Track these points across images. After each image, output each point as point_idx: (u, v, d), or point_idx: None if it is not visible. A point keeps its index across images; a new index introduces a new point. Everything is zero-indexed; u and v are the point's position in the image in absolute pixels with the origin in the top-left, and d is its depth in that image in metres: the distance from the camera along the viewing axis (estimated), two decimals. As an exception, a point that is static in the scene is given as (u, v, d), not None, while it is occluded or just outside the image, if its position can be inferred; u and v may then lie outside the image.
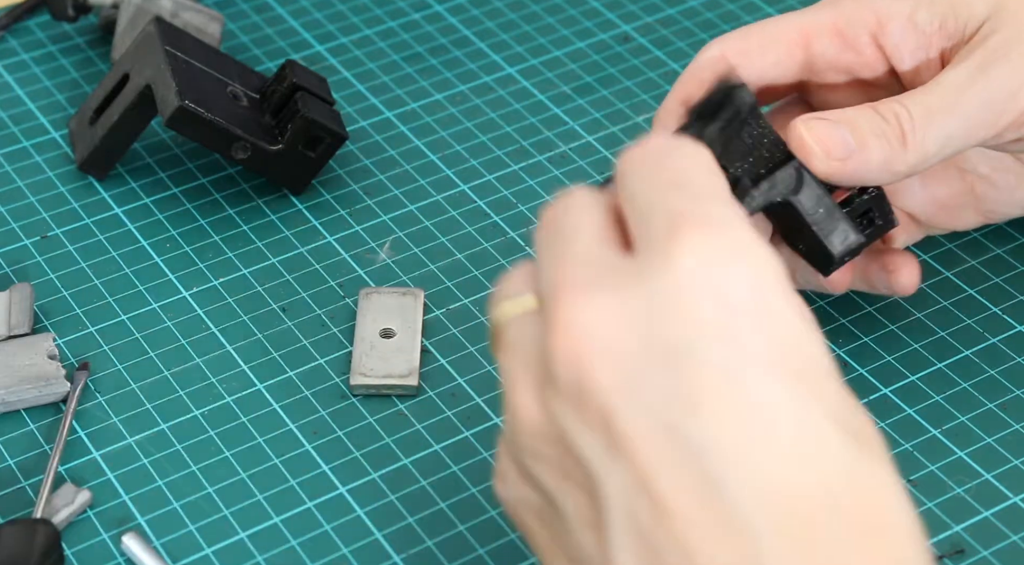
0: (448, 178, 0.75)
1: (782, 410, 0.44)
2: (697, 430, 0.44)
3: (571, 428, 0.46)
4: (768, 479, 0.44)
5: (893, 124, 0.58)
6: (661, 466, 0.44)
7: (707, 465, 0.44)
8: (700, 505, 0.44)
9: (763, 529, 0.43)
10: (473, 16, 0.85)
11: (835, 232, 0.58)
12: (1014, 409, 0.63)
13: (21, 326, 0.66)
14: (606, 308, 0.46)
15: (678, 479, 0.44)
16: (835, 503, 0.44)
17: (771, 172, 0.57)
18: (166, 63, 0.71)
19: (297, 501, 0.61)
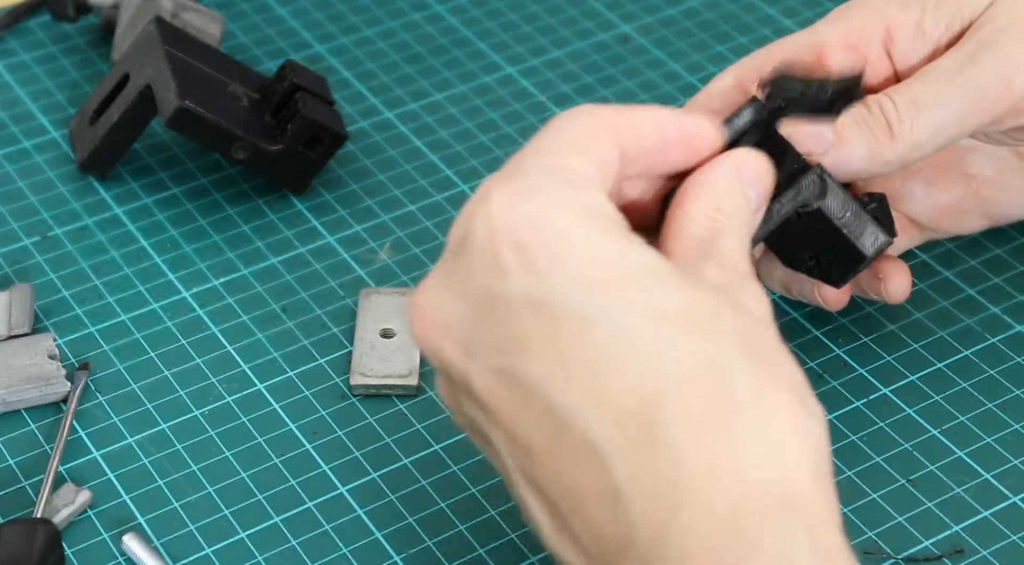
0: (448, 178, 0.75)
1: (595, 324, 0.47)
2: (524, 368, 0.47)
3: (457, 402, 0.51)
4: (592, 389, 0.46)
5: (877, 115, 0.58)
6: (514, 412, 0.48)
7: (542, 398, 0.47)
8: (551, 437, 0.47)
9: (603, 438, 0.46)
10: (473, 16, 0.85)
11: (865, 233, 0.59)
12: (1014, 409, 0.63)
13: (21, 326, 0.66)
14: (434, 286, 0.50)
15: (527, 420, 0.47)
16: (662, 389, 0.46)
17: (794, 180, 0.57)
18: (166, 63, 0.71)
19: (297, 501, 0.61)
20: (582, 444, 0.46)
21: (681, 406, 0.46)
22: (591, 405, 0.46)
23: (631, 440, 0.46)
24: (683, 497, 0.45)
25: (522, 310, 0.48)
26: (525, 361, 0.47)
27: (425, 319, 0.50)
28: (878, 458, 0.62)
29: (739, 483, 0.45)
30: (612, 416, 0.46)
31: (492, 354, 0.48)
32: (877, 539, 0.59)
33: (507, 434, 0.48)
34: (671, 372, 0.46)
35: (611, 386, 0.46)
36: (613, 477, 0.46)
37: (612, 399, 0.46)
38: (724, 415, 0.46)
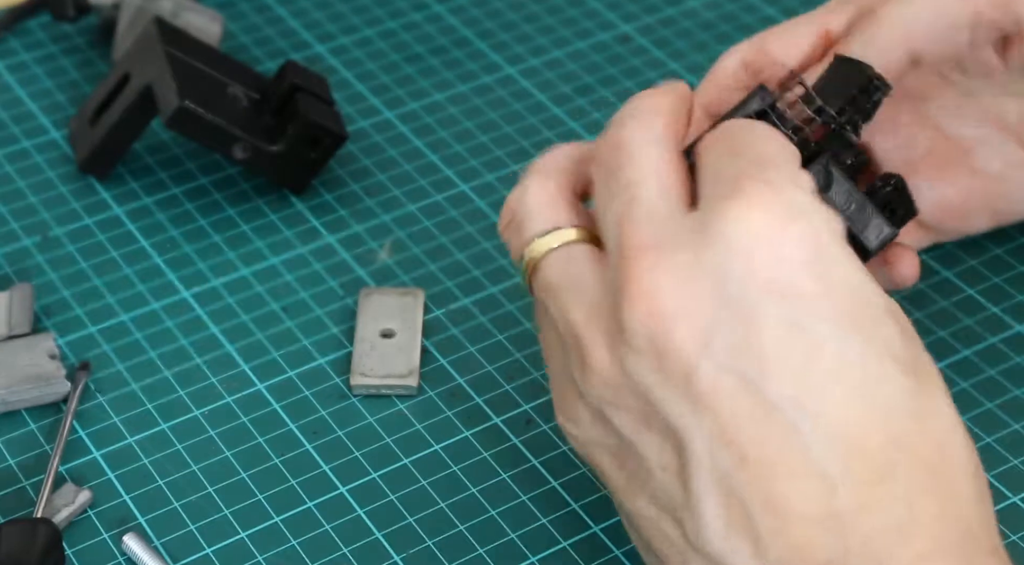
0: (448, 178, 0.75)
1: (845, 357, 0.47)
2: (769, 383, 0.47)
3: (652, 384, 0.48)
4: (837, 422, 0.47)
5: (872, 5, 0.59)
6: (740, 419, 0.47)
7: (780, 415, 0.47)
8: (777, 452, 0.47)
9: (834, 470, 0.46)
10: (473, 16, 0.85)
11: (869, 226, 0.59)
12: (1014, 409, 0.63)
13: (22, 326, 0.66)
14: (678, 269, 0.48)
15: (756, 430, 0.47)
16: (901, 441, 0.47)
17: None
18: (166, 63, 0.71)
19: (297, 501, 0.61)
20: (812, 468, 0.47)
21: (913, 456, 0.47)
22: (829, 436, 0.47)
23: (864, 476, 0.47)
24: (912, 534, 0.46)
25: (777, 330, 0.47)
26: (768, 372, 0.47)
27: (657, 299, 0.48)
28: (878, 458, 0.62)
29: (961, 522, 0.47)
30: (850, 449, 0.47)
31: (733, 356, 0.47)
32: (877, 539, 0.59)
33: (720, 434, 0.47)
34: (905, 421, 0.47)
35: (853, 424, 0.47)
36: (836, 505, 0.47)
37: (857, 435, 0.47)
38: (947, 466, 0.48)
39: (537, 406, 0.64)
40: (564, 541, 0.59)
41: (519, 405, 0.64)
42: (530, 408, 0.64)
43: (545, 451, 0.62)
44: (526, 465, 0.62)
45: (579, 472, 0.62)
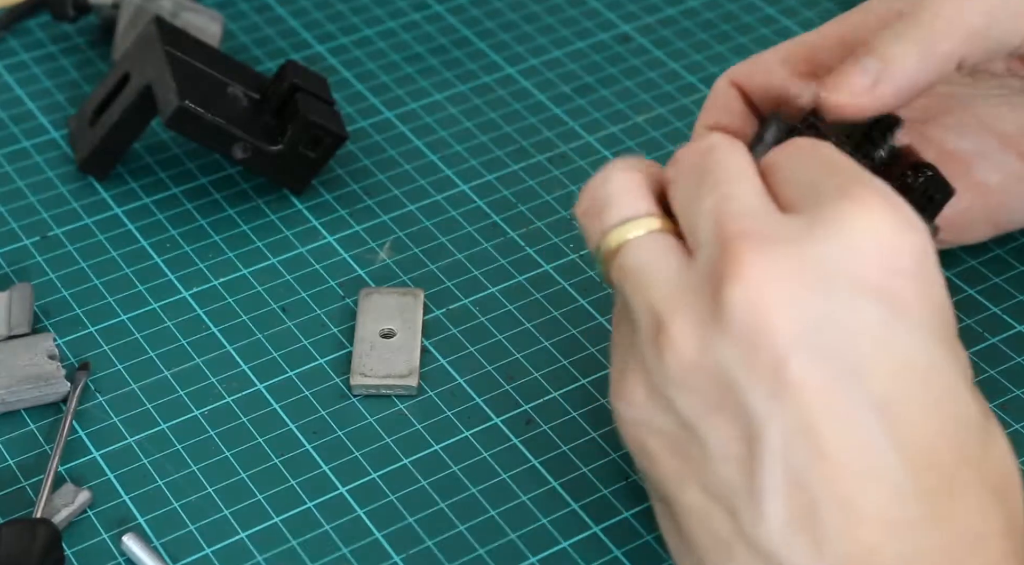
0: (448, 178, 0.75)
1: (933, 370, 0.48)
2: (862, 384, 0.47)
3: (736, 369, 0.47)
4: (916, 431, 0.47)
5: (915, 10, 0.57)
6: (826, 414, 0.47)
7: (867, 416, 0.47)
8: (857, 452, 0.46)
9: (904, 478, 0.47)
10: (473, 16, 0.85)
11: None
12: (1014, 409, 0.63)
13: (21, 326, 0.66)
14: (785, 261, 0.47)
15: (840, 428, 0.46)
16: (969, 459, 0.47)
17: None
18: (166, 63, 0.71)
19: (297, 501, 0.61)
20: (888, 473, 0.47)
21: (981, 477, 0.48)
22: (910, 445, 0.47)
23: (935, 487, 0.47)
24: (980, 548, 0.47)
25: (878, 330, 0.47)
26: (865, 378, 0.47)
27: (763, 287, 0.47)
28: (878, 458, 0.62)
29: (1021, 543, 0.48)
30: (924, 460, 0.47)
31: (829, 352, 0.47)
32: (877, 539, 0.59)
33: (802, 427, 0.47)
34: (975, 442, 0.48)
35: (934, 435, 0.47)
36: (907, 513, 0.47)
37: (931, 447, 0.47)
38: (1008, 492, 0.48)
39: (537, 406, 0.64)
40: (564, 541, 0.59)
41: (519, 405, 0.64)
42: (530, 408, 0.64)
43: (545, 451, 0.62)
44: (526, 465, 0.62)
45: (579, 472, 0.62)
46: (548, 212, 0.73)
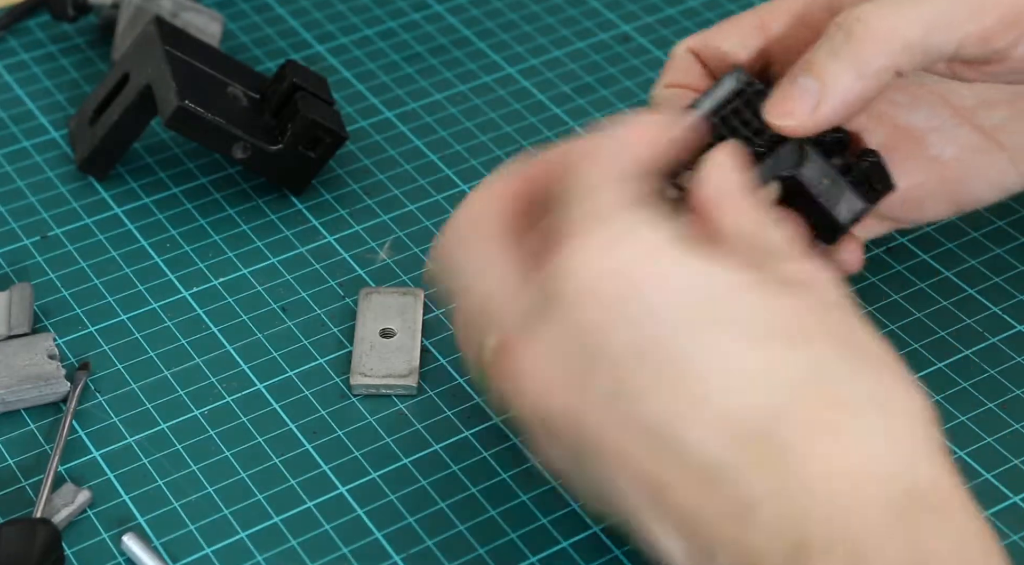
0: (448, 178, 0.75)
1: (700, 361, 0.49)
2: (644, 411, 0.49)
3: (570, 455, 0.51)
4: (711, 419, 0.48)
5: (851, 24, 0.57)
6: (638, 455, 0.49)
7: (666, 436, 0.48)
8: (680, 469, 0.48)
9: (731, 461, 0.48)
10: (473, 16, 0.85)
11: (841, 201, 0.60)
12: (1014, 409, 0.63)
13: (21, 326, 0.66)
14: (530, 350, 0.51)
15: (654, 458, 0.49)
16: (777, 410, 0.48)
17: (773, 148, 0.58)
18: (166, 63, 0.71)
19: (297, 501, 0.61)
20: (712, 470, 0.48)
21: (797, 418, 0.48)
22: (713, 433, 0.48)
23: (757, 458, 0.48)
24: (814, 501, 0.47)
25: (629, 361, 0.49)
26: (642, 403, 0.49)
27: (531, 384, 0.51)
28: (878, 458, 0.62)
29: (867, 480, 0.47)
30: (735, 439, 0.48)
31: (607, 402, 0.49)
32: (877, 539, 0.59)
33: (634, 474, 0.49)
34: (780, 389, 0.48)
35: (729, 412, 0.48)
36: (746, 495, 0.47)
37: (732, 424, 0.48)
38: (839, 418, 0.48)
39: (537, 406, 0.64)
40: (564, 541, 0.59)
41: (519, 405, 0.64)
42: (530, 408, 0.64)
43: (545, 451, 0.62)
44: (526, 465, 0.62)
45: (579, 472, 0.62)
46: (548, 212, 0.73)
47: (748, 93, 0.59)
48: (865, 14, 0.57)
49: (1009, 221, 0.71)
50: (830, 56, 0.57)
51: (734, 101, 0.59)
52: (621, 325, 0.49)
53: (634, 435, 0.49)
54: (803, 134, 0.58)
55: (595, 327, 0.50)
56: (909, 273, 0.69)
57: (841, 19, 0.57)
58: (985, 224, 0.71)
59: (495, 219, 0.54)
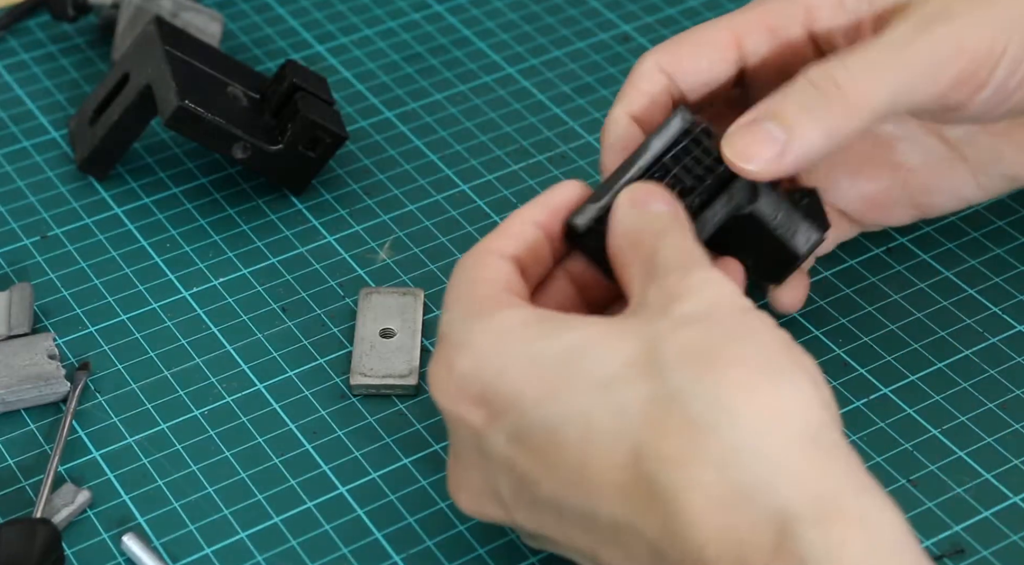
0: (448, 178, 0.75)
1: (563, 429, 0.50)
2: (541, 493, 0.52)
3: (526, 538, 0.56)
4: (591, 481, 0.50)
5: (827, 87, 0.57)
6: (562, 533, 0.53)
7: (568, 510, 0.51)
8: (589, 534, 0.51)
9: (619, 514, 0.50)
10: (473, 16, 0.85)
11: (798, 233, 0.61)
12: (1014, 409, 0.63)
13: (21, 326, 0.66)
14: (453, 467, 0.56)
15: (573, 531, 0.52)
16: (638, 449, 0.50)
17: (724, 186, 0.59)
18: (166, 63, 0.71)
19: (297, 501, 0.61)
20: (618, 528, 0.50)
21: (659, 452, 0.49)
22: (599, 494, 0.50)
23: (641, 504, 0.49)
24: (700, 532, 0.47)
25: (509, 450, 0.52)
26: (538, 488, 0.51)
27: (464, 499, 0.55)
28: (878, 458, 0.62)
29: (741, 497, 0.47)
30: (618, 494, 0.49)
31: (518, 497, 0.52)
32: (877, 539, 0.59)
33: (572, 549, 0.53)
34: (635, 425, 0.49)
35: (602, 470, 0.50)
36: (649, 540, 0.49)
37: (609, 480, 0.49)
38: (696, 442, 0.48)
39: (537, 406, 0.64)
40: (564, 541, 0.59)
41: (519, 405, 0.64)
42: (530, 408, 0.64)
43: (545, 451, 0.62)
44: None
45: (579, 472, 0.61)
46: (548, 212, 0.73)
47: (695, 132, 0.58)
48: (840, 78, 0.57)
49: (1009, 221, 0.71)
50: (802, 110, 0.57)
51: (682, 141, 0.58)
52: (490, 422, 0.52)
53: (549, 517, 0.52)
54: (760, 179, 0.58)
55: (473, 432, 0.53)
56: (909, 273, 0.69)
57: (815, 77, 0.58)
58: (985, 224, 0.71)
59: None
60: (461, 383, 0.52)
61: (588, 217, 0.58)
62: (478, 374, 0.52)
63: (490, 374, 0.52)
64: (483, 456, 0.53)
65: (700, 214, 0.58)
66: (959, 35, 0.58)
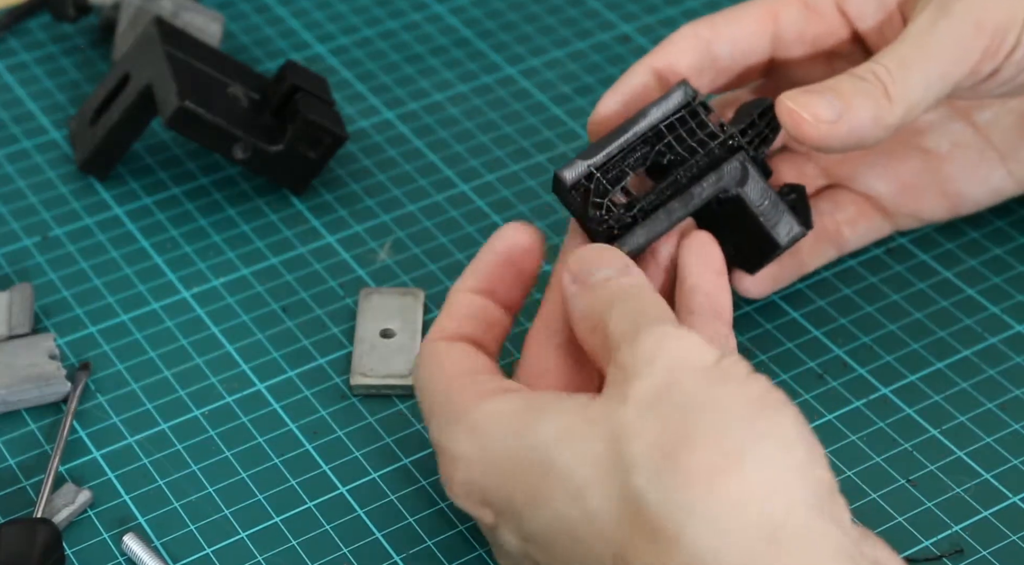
0: (448, 178, 0.75)
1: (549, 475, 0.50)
2: (526, 527, 0.52)
3: None
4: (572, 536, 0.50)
5: (873, 81, 0.59)
6: (543, 557, 0.52)
7: (551, 541, 0.52)
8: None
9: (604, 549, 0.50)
10: (473, 16, 0.85)
11: (781, 223, 0.61)
12: (1014, 409, 0.64)
13: (22, 326, 0.66)
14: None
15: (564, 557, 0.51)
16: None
17: (718, 165, 0.60)
18: (166, 63, 0.71)
19: (297, 501, 0.61)
20: (620, 559, 0.49)
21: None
22: (602, 530, 0.49)
23: (645, 536, 0.48)
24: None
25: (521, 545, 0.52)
26: (533, 523, 0.51)
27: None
28: (878, 458, 0.62)
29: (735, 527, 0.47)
30: (628, 522, 0.48)
31: (515, 532, 0.53)
32: (877, 539, 0.59)
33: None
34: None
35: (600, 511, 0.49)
36: None
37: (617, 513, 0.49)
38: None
39: (537, 406, 0.64)
40: (564, 541, 0.59)
41: (519, 405, 0.64)
42: (530, 408, 0.64)
43: (545, 451, 0.62)
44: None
45: (579, 472, 0.61)
46: (548, 212, 0.73)
47: (694, 105, 0.60)
48: (882, 76, 0.59)
49: (1009, 221, 0.71)
50: (857, 92, 0.59)
51: (680, 112, 0.60)
52: (501, 524, 0.53)
53: (543, 551, 0.51)
54: (811, 142, 0.59)
55: (489, 529, 0.53)
56: (909, 274, 0.69)
57: (861, 73, 0.59)
58: (985, 225, 0.71)
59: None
60: (464, 491, 0.53)
61: (576, 173, 0.59)
62: (473, 482, 0.53)
63: (482, 482, 0.53)
64: (503, 547, 0.54)
65: (688, 188, 0.60)
66: (976, 11, 0.59)
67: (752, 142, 0.61)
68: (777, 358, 0.66)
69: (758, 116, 0.61)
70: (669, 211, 0.59)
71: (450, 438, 0.53)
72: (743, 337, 0.66)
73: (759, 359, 0.65)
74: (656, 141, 0.60)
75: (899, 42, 0.60)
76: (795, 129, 0.59)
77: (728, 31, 0.64)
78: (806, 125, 0.59)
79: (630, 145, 0.60)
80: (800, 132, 0.59)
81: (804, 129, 0.59)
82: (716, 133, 0.60)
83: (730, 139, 0.60)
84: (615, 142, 0.60)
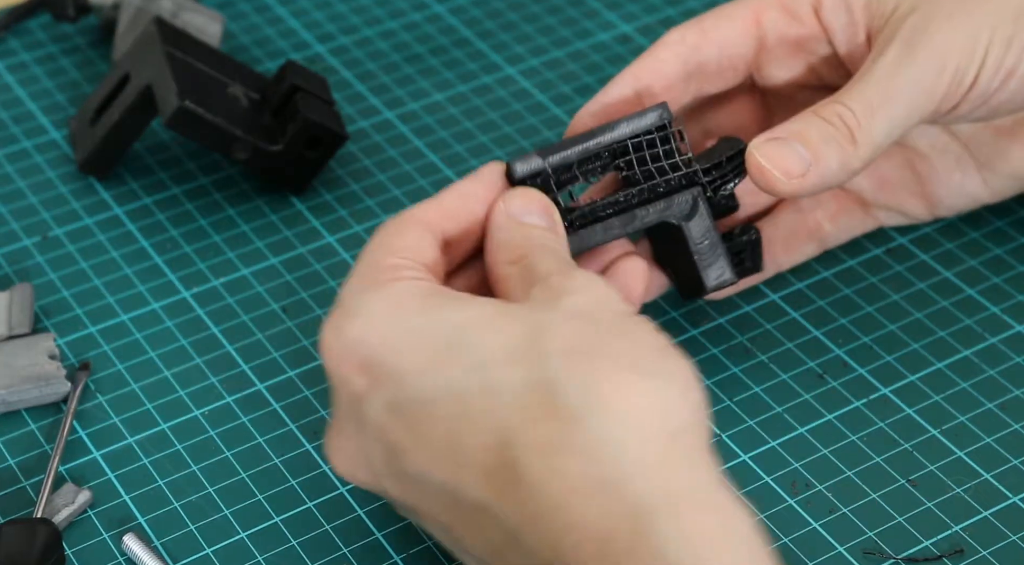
0: (449, 179, 0.75)
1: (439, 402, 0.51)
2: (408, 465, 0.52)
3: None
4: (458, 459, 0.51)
5: (839, 125, 0.60)
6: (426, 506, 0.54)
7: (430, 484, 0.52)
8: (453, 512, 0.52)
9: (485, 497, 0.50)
10: (473, 16, 0.85)
11: (713, 266, 0.63)
12: (1014, 409, 0.64)
13: (22, 326, 0.66)
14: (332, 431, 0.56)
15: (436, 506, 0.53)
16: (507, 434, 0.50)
17: (670, 193, 0.61)
18: (166, 63, 0.71)
19: (297, 501, 0.61)
20: (479, 509, 0.50)
21: (526, 439, 0.49)
22: (464, 473, 0.50)
23: (503, 488, 0.49)
24: (562, 519, 0.48)
25: (384, 418, 0.52)
26: (407, 460, 0.52)
27: (340, 462, 0.55)
28: (878, 458, 0.62)
29: (602, 486, 0.48)
30: (482, 475, 0.50)
31: (388, 465, 0.53)
32: (877, 539, 0.59)
33: (433, 522, 0.54)
34: (508, 411, 0.50)
35: (469, 449, 0.50)
36: (511, 526, 0.49)
37: (476, 460, 0.50)
38: (564, 431, 0.49)
39: (537, 406, 0.64)
40: (564, 541, 0.59)
41: (519, 405, 0.64)
42: (530, 408, 0.64)
43: (545, 451, 0.62)
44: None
45: (579, 472, 0.61)
46: (548, 212, 0.73)
47: (668, 132, 0.61)
48: (846, 118, 0.60)
49: (1009, 221, 0.71)
50: (822, 139, 0.60)
51: (652, 134, 0.60)
52: (372, 388, 0.52)
53: (414, 489, 0.52)
54: (781, 195, 0.61)
55: (355, 397, 0.53)
56: (909, 273, 0.69)
57: (826, 114, 0.60)
58: (985, 224, 0.71)
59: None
60: (348, 348, 0.53)
61: (529, 167, 0.59)
62: (364, 341, 0.53)
63: (375, 343, 0.53)
64: (360, 422, 0.53)
65: (633, 209, 0.60)
66: (940, 54, 0.61)
67: (713, 182, 0.62)
68: (777, 358, 0.66)
69: (727, 159, 0.62)
70: (607, 227, 0.60)
71: (360, 297, 0.54)
72: (743, 337, 0.66)
73: (759, 359, 0.65)
74: (619, 155, 0.60)
75: (865, 83, 0.61)
76: (766, 185, 0.60)
77: (716, 34, 0.64)
78: (777, 182, 0.60)
79: (591, 153, 0.60)
80: (771, 188, 0.60)
81: (775, 185, 0.60)
82: (679, 165, 0.61)
83: (693, 174, 0.61)
84: (577, 147, 0.60)
